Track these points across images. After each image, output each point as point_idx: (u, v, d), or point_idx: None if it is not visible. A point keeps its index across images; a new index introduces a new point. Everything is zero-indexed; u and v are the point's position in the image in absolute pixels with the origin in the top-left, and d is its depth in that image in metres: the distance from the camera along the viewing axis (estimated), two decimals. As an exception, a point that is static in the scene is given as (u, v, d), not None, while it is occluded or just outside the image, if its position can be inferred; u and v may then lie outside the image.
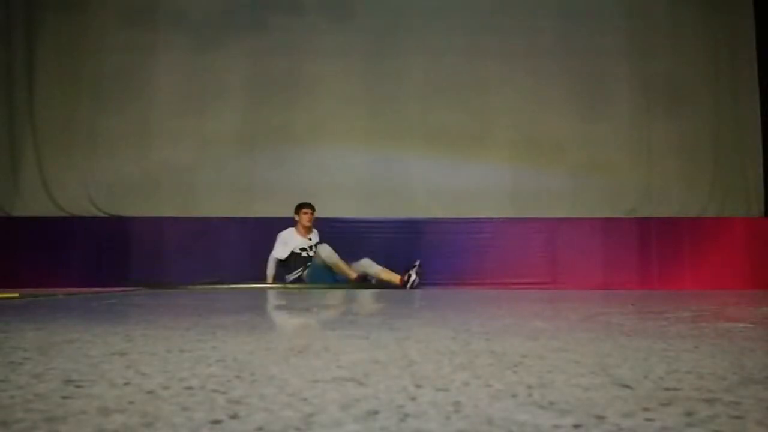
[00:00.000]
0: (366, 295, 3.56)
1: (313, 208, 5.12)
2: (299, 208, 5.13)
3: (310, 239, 5.10)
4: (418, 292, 4.18)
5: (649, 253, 5.21)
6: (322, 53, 5.75)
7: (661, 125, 5.60)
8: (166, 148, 5.67)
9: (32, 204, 5.56)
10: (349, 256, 4.75)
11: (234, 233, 5.41)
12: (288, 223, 5.17)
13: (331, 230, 5.13)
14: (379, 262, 4.75)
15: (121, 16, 5.83)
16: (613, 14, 5.75)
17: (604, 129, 5.55)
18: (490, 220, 5.29)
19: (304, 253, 5.02)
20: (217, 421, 0.53)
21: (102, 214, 5.59)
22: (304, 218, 5.09)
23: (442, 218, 5.00)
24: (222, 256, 5.32)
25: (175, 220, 5.44)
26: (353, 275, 4.74)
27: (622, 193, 5.48)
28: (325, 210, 5.20)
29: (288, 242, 5.04)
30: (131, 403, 0.60)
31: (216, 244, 5.37)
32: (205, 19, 5.82)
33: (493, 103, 5.60)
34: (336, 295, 3.38)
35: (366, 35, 5.77)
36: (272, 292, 3.93)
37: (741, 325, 1.50)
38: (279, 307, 2.18)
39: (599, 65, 5.63)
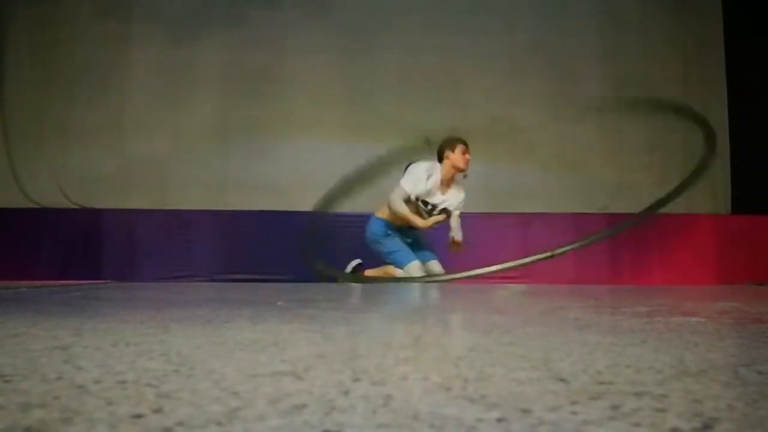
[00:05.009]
0: (344, 289, 3.55)
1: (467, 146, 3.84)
2: (450, 144, 3.86)
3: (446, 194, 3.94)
4: (389, 287, 4.18)
5: (619, 249, 5.28)
6: (298, 48, 5.73)
7: (631, 124, 5.69)
8: (140, 140, 5.61)
9: (2, 196, 5.46)
10: (325, 251, 4.72)
11: (208, 227, 5.37)
12: (268, 217, 5.16)
13: (306, 225, 5.11)
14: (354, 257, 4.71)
15: (96, 6, 5.74)
16: (585, 15, 5.83)
17: (576, 127, 5.62)
18: (463, 215, 5.31)
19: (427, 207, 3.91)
20: (138, 416, 0.53)
21: (74, 207, 5.51)
22: (461, 160, 3.81)
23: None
24: (196, 249, 5.28)
25: (149, 212, 5.38)
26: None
27: (593, 190, 5.57)
28: (300, 205, 5.17)
29: (428, 180, 3.79)
30: (56, 398, 0.59)
31: (189, 237, 5.32)
32: (181, 11, 5.76)
33: (467, 100, 5.64)
34: (309, 289, 3.37)
35: (343, 31, 5.77)
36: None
37: (694, 319, 1.53)
38: (242, 301, 2.17)
39: (571, 64, 5.71)
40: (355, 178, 3.74)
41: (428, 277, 4.01)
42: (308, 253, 4.10)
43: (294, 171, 5.56)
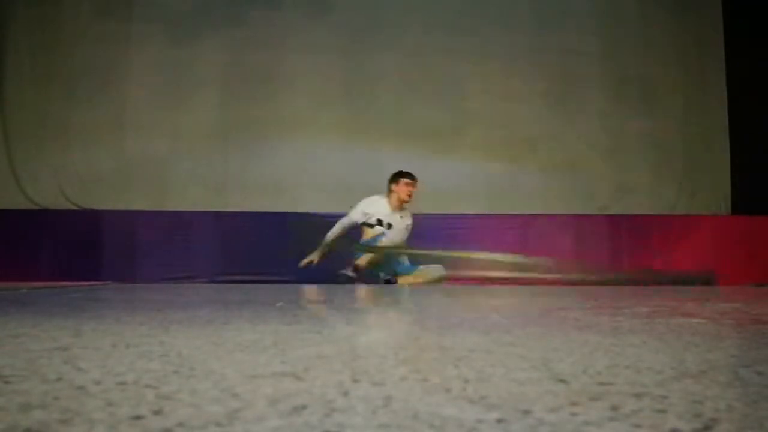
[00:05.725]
0: (340, 290, 3.56)
1: (415, 179, 4.40)
2: (398, 177, 4.42)
3: (401, 217, 4.46)
4: (387, 287, 4.19)
5: (619, 249, 5.28)
6: (299, 48, 5.72)
7: (631, 124, 5.69)
8: (140, 141, 5.61)
9: (2, 196, 5.46)
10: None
11: (208, 227, 5.36)
12: (268, 217, 5.16)
13: (306, 225, 5.11)
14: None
15: (96, 6, 5.74)
16: (586, 15, 5.83)
17: (576, 127, 5.62)
18: (463, 215, 5.32)
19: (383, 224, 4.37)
20: (138, 417, 0.53)
21: (74, 207, 5.51)
22: (404, 191, 4.40)
23: (416, 214, 5.01)
24: (195, 250, 5.28)
25: (149, 213, 5.38)
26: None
27: (593, 191, 5.56)
28: (300, 205, 5.18)
29: (370, 207, 4.39)
30: (56, 398, 0.59)
31: (189, 238, 5.32)
32: (181, 11, 5.76)
33: (468, 100, 5.64)
34: (309, 290, 3.37)
35: (343, 31, 5.76)
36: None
37: (694, 320, 1.53)
38: (241, 302, 2.17)
39: (572, 65, 5.70)
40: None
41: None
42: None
43: (294, 171, 5.56)
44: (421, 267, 4.43)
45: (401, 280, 4.39)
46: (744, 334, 1.28)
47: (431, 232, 5.16)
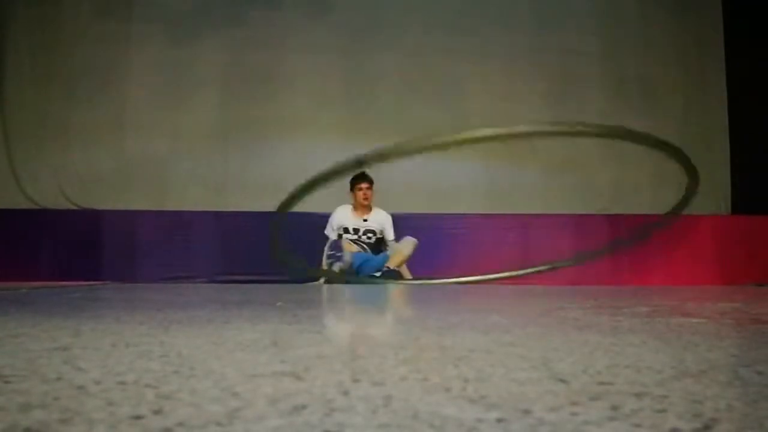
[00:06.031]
0: (339, 290, 3.56)
1: (369, 181, 4.58)
2: (353, 182, 4.58)
3: (365, 220, 4.62)
4: (388, 287, 4.19)
5: (619, 249, 5.28)
6: (299, 48, 5.73)
7: (631, 124, 5.66)
8: (140, 141, 5.61)
9: (2, 196, 5.46)
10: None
11: (208, 227, 5.37)
12: (268, 217, 5.15)
13: (305, 225, 5.11)
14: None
15: (96, 6, 5.74)
16: (586, 15, 5.84)
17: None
18: (463, 215, 5.33)
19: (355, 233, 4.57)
20: (138, 417, 0.53)
21: (74, 207, 5.51)
22: (360, 196, 4.58)
23: (417, 213, 5.03)
24: (195, 250, 5.28)
25: (149, 213, 5.38)
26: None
27: (593, 191, 5.57)
28: (300, 205, 5.18)
29: (336, 219, 4.61)
30: (56, 398, 0.59)
31: (189, 237, 5.33)
32: (181, 11, 5.77)
33: (468, 100, 5.65)
34: (309, 290, 3.37)
35: (343, 31, 5.77)
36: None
37: (694, 320, 1.53)
38: (241, 302, 2.17)
39: (572, 65, 5.71)
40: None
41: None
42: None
43: (294, 171, 5.52)
44: (395, 246, 4.45)
45: (392, 263, 4.36)
46: (744, 334, 1.28)
47: (431, 232, 5.16)
